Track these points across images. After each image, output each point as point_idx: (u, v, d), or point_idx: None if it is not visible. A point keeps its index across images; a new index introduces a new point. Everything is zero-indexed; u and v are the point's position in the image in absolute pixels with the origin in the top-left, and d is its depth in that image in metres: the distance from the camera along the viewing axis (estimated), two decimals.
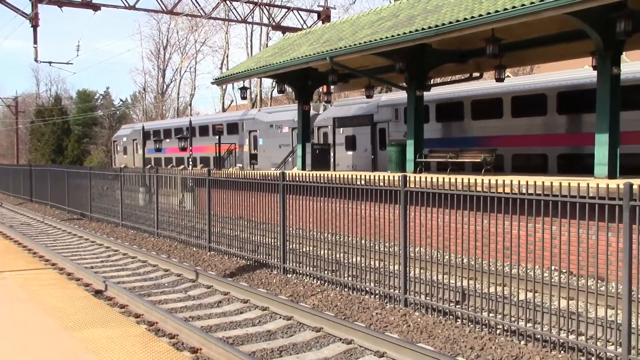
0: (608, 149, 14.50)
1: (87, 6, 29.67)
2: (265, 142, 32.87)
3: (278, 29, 38.19)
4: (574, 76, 19.46)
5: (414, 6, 19.39)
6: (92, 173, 25.01)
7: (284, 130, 31.95)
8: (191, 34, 70.85)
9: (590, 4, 12.22)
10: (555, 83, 19.70)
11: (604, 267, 7.65)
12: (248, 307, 10.53)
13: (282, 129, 32.17)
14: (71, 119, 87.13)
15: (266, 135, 32.87)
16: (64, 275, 13.13)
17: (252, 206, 14.65)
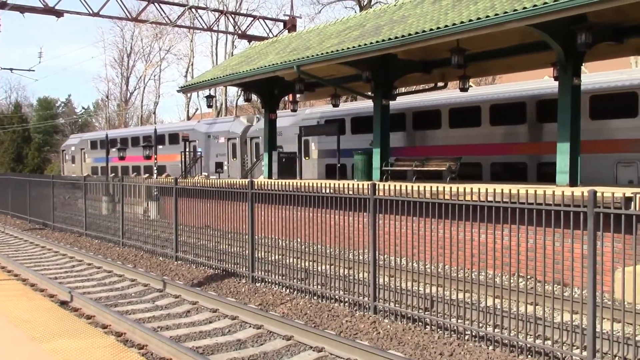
0: (569, 158, 14.85)
1: (50, 12, 29.24)
2: (203, 152, 34.96)
3: (244, 38, 38.18)
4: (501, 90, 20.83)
5: (381, 16, 19.61)
6: (55, 182, 24.57)
7: (220, 140, 34.17)
8: (156, 41, 70.34)
9: (552, 17, 12.52)
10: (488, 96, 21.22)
11: (568, 273, 7.83)
12: (217, 317, 10.47)
13: (218, 140, 34.40)
14: (32, 126, 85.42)
15: (204, 146, 34.84)
16: (28, 286, 12.84)
17: (220, 215, 14.57)
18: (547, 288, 8.34)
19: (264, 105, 25.67)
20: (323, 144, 26.35)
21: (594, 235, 7.25)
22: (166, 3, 35.94)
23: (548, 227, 7.83)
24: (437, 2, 17.53)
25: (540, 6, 12.28)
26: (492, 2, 14.25)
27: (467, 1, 15.77)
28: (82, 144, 50.26)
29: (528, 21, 12.89)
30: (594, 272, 7.24)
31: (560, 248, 8.01)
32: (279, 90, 25.33)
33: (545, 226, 7.85)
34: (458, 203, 8.99)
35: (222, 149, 34.19)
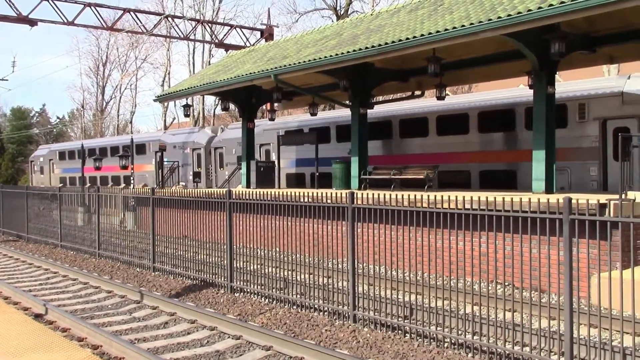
0: (545, 165, 15.02)
1: (23, 21, 28.93)
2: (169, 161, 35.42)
3: (221, 47, 38.08)
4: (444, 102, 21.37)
5: (357, 25, 19.71)
6: (29, 193, 24.23)
7: (186, 151, 35.33)
8: (132, 50, 69.88)
9: (525, 27, 12.68)
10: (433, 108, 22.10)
11: (545, 280, 7.91)
12: (195, 328, 10.37)
13: (184, 150, 35.52)
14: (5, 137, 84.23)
15: (170, 156, 35.29)
16: (1, 299, 12.63)
17: (198, 225, 14.47)
18: (525, 295, 8.40)
19: (241, 114, 25.62)
20: (282, 153, 27.07)
21: (569, 242, 7.32)
22: (142, 12, 35.78)
23: (524, 234, 7.89)
24: (413, 12, 17.67)
25: (514, 16, 12.43)
26: (467, 12, 14.40)
27: (442, 11, 15.92)
28: (50, 154, 50.96)
29: (502, 30, 13.04)
30: (570, 278, 7.31)
31: (537, 255, 8.08)
32: (257, 99, 25.30)
33: (521, 233, 7.91)
34: (436, 211, 9.03)
35: (187, 159, 35.27)
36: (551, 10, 11.83)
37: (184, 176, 35.24)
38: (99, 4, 31.23)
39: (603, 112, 17.62)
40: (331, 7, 48.12)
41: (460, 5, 15.49)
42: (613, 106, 17.38)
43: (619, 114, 17.22)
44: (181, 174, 35.55)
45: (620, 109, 17.22)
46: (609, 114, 17.50)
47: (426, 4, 18.08)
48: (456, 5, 15.75)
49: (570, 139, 17.99)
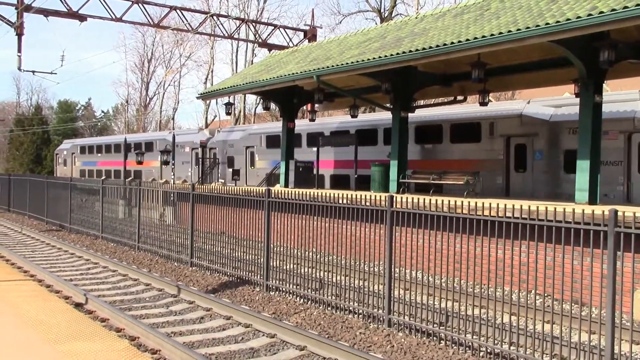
0: (589, 176, 14.71)
1: (73, 16, 29.53)
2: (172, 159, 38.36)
3: (264, 46, 38.26)
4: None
5: (402, 28, 19.62)
6: (72, 184, 24.77)
7: (186, 150, 38.55)
8: (176, 47, 70.80)
9: (574, 33, 12.46)
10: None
11: (587, 292, 7.75)
12: (231, 324, 10.46)
13: (184, 149, 38.63)
14: (51, 128, 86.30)
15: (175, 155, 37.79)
16: (44, 287, 12.94)
17: (235, 222, 14.60)
18: (565, 307, 8.24)
19: (282, 114, 25.75)
20: (264, 155, 31.03)
21: (614, 255, 7.16)
22: (188, 10, 36.25)
23: (567, 245, 7.74)
24: (458, 16, 17.51)
25: (562, 23, 12.22)
26: (514, 17, 14.21)
27: (489, 15, 15.75)
28: (72, 148, 55.04)
29: (550, 37, 12.83)
30: (613, 292, 7.15)
31: (578, 266, 7.92)
32: (298, 100, 25.39)
33: (564, 244, 7.76)
34: (476, 218, 8.93)
35: (187, 157, 38.64)
36: (601, 17, 11.60)
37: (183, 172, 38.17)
38: (146, 1, 31.71)
39: (507, 130, 20.70)
40: (375, 9, 48.00)
41: (507, 11, 15.29)
42: (514, 125, 20.53)
43: (519, 132, 20.42)
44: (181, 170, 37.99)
45: (520, 128, 20.39)
46: (511, 132, 20.65)
47: (472, 8, 17.91)
48: (503, 11, 15.56)
49: (482, 152, 20.97)
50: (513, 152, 20.64)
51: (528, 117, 20.17)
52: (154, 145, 41.78)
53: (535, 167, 19.89)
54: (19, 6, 27.73)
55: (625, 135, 17.94)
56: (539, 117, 19.98)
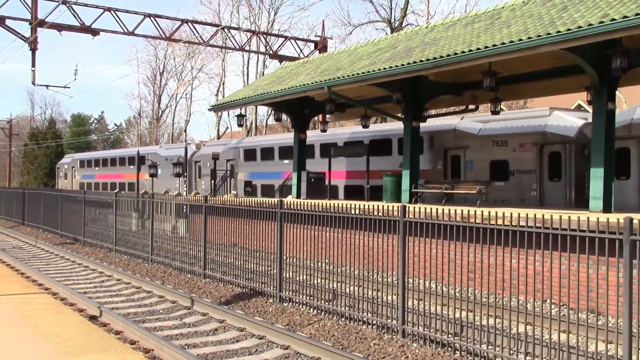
0: (603, 183, 14.59)
1: (86, 31, 29.85)
2: (162, 172, 41.66)
3: (275, 58, 38.46)
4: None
5: (412, 38, 19.65)
6: (86, 197, 24.92)
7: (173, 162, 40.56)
8: (188, 60, 71.27)
9: (586, 41, 12.42)
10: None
11: (603, 301, 7.67)
12: (244, 336, 10.45)
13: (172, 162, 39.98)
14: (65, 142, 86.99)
15: (163, 167, 41.49)
16: (58, 299, 13.00)
17: (248, 233, 14.61)
18: (581, 316, 8.16)
19: (294, 125, 25.80)
20: (243, 167, 33.92)
21: (630, 263, 7.09)
22: (199, 23, 36.51)
23: (582, 254, 7.68)
24: (469, 25, 17.51)
25: (574, 30, 12.18)
26: (525, 26, 14.19)
27: (499, 24, 15.74)
28: (72, 162, 58.12)
29: (562, 45, 12.79)
30: (630, 301, 7.07)
31: (594, 275, 7.85)
32: (310, 111, 25.44)
33: (578, 252, 7.70)
34: (489, 227, 8.88)
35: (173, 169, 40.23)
36: (613, 25, 11.56)
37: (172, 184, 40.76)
38: (158, 15, 32.00)
39: (444, 143, 23.20)
40: (385, 19, 48.12)
41: (518, 19, 15.28)
42: (450, 139, 22.93)
43: (454, 145, 22.79)
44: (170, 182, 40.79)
45: (454, 141, 22.72)
46: (448, 145, 23.08)
47: (483, 17, 17.91)
48: (514, 19, 15.54)
49: (425, 162, 22.88)
50: (450, 162, 23.19)
51: (460, 131, 22.48)
52: (146, 159, 43.88)
53: (468, 176, 22.19)
54: (33, 21, 28.08)
55: (538, 147, 20.14)
56: (469, 131, 22.23)
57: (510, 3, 17.87)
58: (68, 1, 28.52)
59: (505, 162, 21.03)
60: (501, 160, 21.09)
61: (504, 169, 20.90)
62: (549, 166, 20.00)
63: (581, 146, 19.50)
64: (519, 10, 16.51)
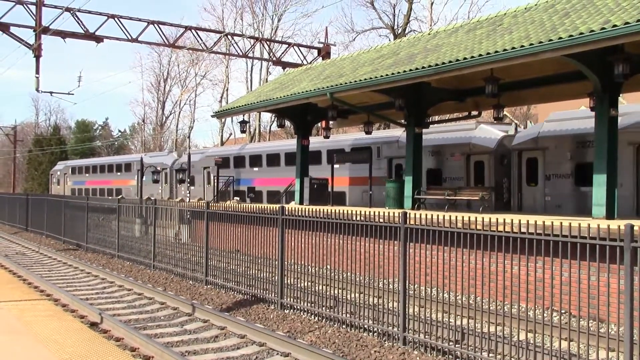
0: (606, 190, 14.55)
1: (90, 38, 29.95)
2: (146, 178, 43.68)
3: (278, 64, 38.52)
4: None
5: (414, 45, 19.66)
6: (89, 203, 24.95)
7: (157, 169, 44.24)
8: (192, 67, 71.48)
9: (588, 47, 12.39)
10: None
11: (604, 308, 7.62)
12: (245, 343, 10.42)
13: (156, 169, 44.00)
14: (69, 148, 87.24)
15: (147, 173, 43.59)
16: (59, 306, 12.99)
17: (250, 240, 14.60)
18: (582, 323, 8.12)
19: (296, 131, 25.82)
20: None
21: (631, 270, 7.05)
22: (203, 30, 36.62)
23: (582, 261, 7.64)
24: (471, 32, 17.52)
25: (575, 37, 12.17)
26: (526, 32, 14.18)
27: (501, 31, 15.73)
28: (65, 169, 61.34)
29: (563, 51, 12.79)
30: (631, 308, 7.03)
31: (595, 282, 7.81)
32: (312, 117, 25.47)
33: (579, 259, 7.66)
34: (490, 234, 8.86)
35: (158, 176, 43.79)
36: (615, 31, 11.54)
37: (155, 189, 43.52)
38: (161, 22, 32.11)
39: (389, 153, 25.58)
40: (389, 26, 48.18)
41: (520, 26, 15.27)
42: (394, 149, 25.25)
43: (396, 155, 24.91)
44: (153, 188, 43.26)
45: (397, 151, 24.78)
46: (391, 155, 25.37)
47: (485, 23, 17.92)
48: (515, 26, 15.54)
49: (375, 170, 24.74)
50: (394, 170, 25.48)
51: (402, 142, 23.85)
52: (132, 166, 47.61)
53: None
54: (37, 28, 28.19)
55: (465, 157, 22.52)
56: None
57: (512, 9, 17.88)
58: (72, 8, 28.62)
59: (439, 169, 23.47)
60: (436, 168, 23.52)
61: (439, 176, 23.27)
62: (475, 174, 22.33)
63: (500, 156, 21.80)
64: (521, 16, 16.51)
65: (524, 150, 20.97)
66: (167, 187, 43.43)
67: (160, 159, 45.26)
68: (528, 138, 20.69)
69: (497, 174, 21.69)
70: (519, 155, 21.14)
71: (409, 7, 46.19)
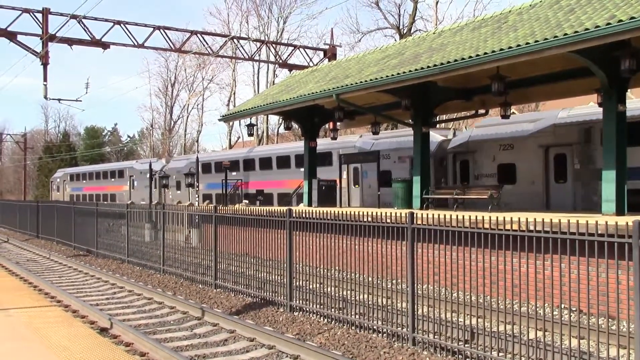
0: (615, 186, 14.43)
1: (97, 44, 30.13)
2: (137, 183, 48.76)
3: (285, 67, 38.62)
4: None
5: (420, 44, 19.61)
6: (99, 209, 25.05)
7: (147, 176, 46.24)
8: (199, 71, 71.71)
9: (593, 43, 12.31)
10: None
11: (615, 306, 7.55)
12: (254, 346, 10.42)
13: (145, 175, 46.53)
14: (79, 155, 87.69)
15: (138, 179, 48.59)
16: (69, 312, 13.05)
17: (258, 243, 14.60)
18: (594, 321, 8.06)
19: (304, 133, 25.83)
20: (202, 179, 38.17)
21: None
22: (208, 34, 36.75)
23: (592, 258, 7.58)
24: (476, 30, 17.46)
25: (580, 33, 12.09)
26: (531, 29, 14.11)
27: (506, 28, 15.67)
28: (64, 176, 65.30)
29: (569, 48, 12.70)
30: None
31: (604, 279, 7.75)
32: (319, 119, 25.46)
33: (588, 256, 7.60)
34: (497, 233, 8.81)
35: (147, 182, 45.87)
36: (620, 26, 11.46)
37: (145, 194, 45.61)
38: (167, 27, 32.27)
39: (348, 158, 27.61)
40: (394, 26, 48.15)
41: (525, 23, 15.21)
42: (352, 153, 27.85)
43: (355, 160, 27.40)
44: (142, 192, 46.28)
45: (355, 156, 27.42)
46: (351, 159, 27.54)
47: (490, 21, 17.85)
48: (520, 23, 15.47)
49: (334, 173, 27.65)
50: (352, 173, 28.08)
51: (358, 147, 28.00)
52: (125, 173, 51.62)
53: (364, 183, 27.32)
54: (44, 36, 28.37)
55: (409, 159, 23.85)
56: (364, 147, 27.64)
57: (517, 7, 17.80)
58: (78, 15, 28.78)
59: (389, 171, 25.50)
60: (386, 170, 25.60)
61: (389, 177, 24.75)
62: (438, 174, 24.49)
63: (440, 158, 24.53)
64: (526, 13, 16.44)
65: (457, 153, 23.76)
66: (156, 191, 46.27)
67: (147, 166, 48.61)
68: (460, 142, 23.47)
69: (437, 174, 24.26)
70: (454, 157, 23.95)
71: (414, 6, 46.15)
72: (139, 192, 47.69)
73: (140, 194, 47.18)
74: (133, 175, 49.81)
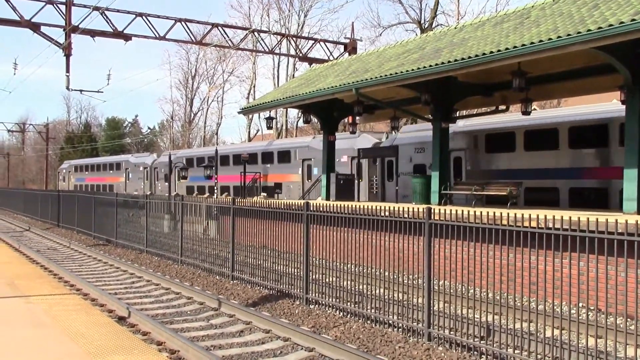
0: (637, 185, 14.26)
1: (119, 36, 30.33)
2: (132, 176, 53.26)
3: (305, 60, 38.58)
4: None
5: (440, 39, 19.50)
6: (119, 200, 25.28)
7: (140, 168, 52.18)
8: (219, 64, 72.01)
9: (618, 39, 12.15)
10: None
11: (634, 305, 7.47)
12: (270, 337, 10.48)
13: (139, 168, 52.17)
14: (100, 145, 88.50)
15: (133, 172, 53.23)
16: (88, 300, 13.22)
17: (275, 235, 14.65)
18: (611, 320, 7.99)
19: (322, 127, 25.83)
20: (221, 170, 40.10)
21: None
22: (229, 27, 36.82)
23: (610, 256, 7.51)
24: (498, 25, 17.31)
25: (605, 29, 11.94)
26: (554, 25, 13.96)
27: (529, 24, 15.52)
28: (69, 168, 69.67)
29: (593, 44, 12.55)
30: None
31: (623, 278, 7.67)
32: (338, 113, 25.42)
33: (607, 255, 7.53)
34: (515, 229, 8.75)
35: (141, 174, 51.81)
36: None
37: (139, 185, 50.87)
38: (188, 20, 32.39)
39: (302, 155, 32.43)
40: (415, 20, 47.90)
41: (548, 18, 15.05)
42: (306, 152, 32.12)
43: (307, 157, 31.76)
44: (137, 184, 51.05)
45: (308, 154, 31.69)
46: (304, 157, 32.19)
47: (512, 17, 17.69)
48: (543, 18, 15.32)
49: (292, 169, 32.37)
50: (305, 170, 32.13)
51: (311, 147, 31.61)
52: (122, 165, 55.47)
53: (314, 179, 30.73)
54: (67, 27, 28.61)
55: (350, 159, 28.93)
56: (316, 147, 30.26)
57: (540, 2, 17.62)
58: (100, 7, 29.00)
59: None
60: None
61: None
62: (357, 172, 27.98)
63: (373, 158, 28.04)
64: (549, 9, 16.27)
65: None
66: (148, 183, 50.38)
67: (142, 159, 53.34)
68: (389, 144, 27.13)
69: (370, 172, 28.47)
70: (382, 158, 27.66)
71: (436, 1, 45.83)
72: (133, 184, 52.50)
73: (134, 185, 51.82)
74: (128, 168, 53.95)
